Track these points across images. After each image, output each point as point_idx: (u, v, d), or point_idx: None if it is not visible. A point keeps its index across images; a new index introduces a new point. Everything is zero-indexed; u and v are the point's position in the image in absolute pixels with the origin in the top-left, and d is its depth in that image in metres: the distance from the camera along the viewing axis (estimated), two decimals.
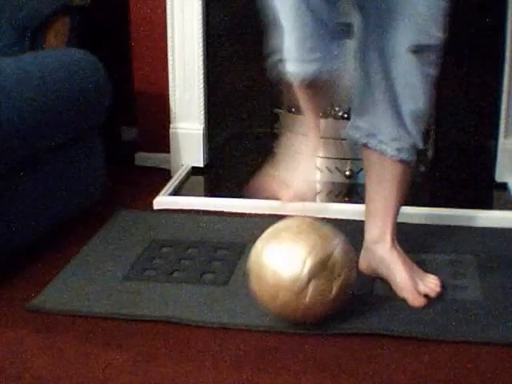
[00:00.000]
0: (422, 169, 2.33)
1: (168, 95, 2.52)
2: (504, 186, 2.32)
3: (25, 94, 1.78)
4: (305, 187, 1.62)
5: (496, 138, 2.34)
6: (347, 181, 2.38)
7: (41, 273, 1.81)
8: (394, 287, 1.65)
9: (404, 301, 1.63)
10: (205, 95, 2.51)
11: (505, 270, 1.76)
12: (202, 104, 2.51)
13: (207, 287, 1.72)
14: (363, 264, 1.72)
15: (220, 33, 2.49)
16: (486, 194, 2.35)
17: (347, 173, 2.37)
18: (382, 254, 1.66)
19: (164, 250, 1.93)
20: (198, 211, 2.19)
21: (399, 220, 1.96)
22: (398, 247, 1.67)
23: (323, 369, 1.41)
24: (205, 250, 1.90)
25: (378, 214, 1.67)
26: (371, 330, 1.53)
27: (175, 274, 1.79)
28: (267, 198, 1.63)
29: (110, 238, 2.00)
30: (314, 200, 1.63)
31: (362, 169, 2.35)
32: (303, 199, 1.60)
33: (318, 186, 2.37)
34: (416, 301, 1.61)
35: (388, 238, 1.66)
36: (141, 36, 2.56)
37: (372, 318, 1.57)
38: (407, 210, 1.91)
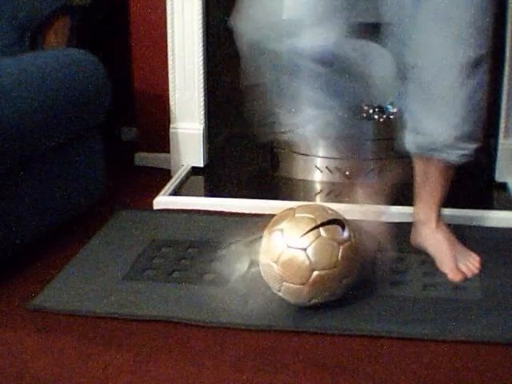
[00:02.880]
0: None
1: (168, 95, 2.52)
2: (504, 185, 2.32)
3: (25, 94, 1.78)
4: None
5: (496, 138, 2.34)
6: (347, 181, 2.37)
7: (41, 273, 1.81)
8: (437, 262, 1.78)
9: (404, 301, 1.63)
10: (205, 95, 2.51)
11: (505, 270, 1.76)
12: (201, 104, 2.51)
13: (207, 287, 1.72)
14: (413, 240, 1.86)
15: (220, 33, 2.49)
16: (486, 194, 2.35)
17: (347, 173, 2.37)
18: (428, 234, 1.80)
19: (164, 249, 1.93)
20: (198, 211, 2.19)
21: (400, 220, 1.98)
22: (443, 227, 1.80)
23: (323, 369, 1.41)
24: (205, 250, 1.90)
25: (425, 200, 1.79)
26: (371, 330, 1.53)
27: (175, 274, 1.79)
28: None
29: (109, 238, 2.00)
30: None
31: None
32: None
33: (318, 186, 2.38)
34: (454, 276, 1.73)
35: (433, 220, 1.79)
36: (141, 36, 2.56)
37: (372, 317, 1.57)
38: (407, 209, 1.92)
